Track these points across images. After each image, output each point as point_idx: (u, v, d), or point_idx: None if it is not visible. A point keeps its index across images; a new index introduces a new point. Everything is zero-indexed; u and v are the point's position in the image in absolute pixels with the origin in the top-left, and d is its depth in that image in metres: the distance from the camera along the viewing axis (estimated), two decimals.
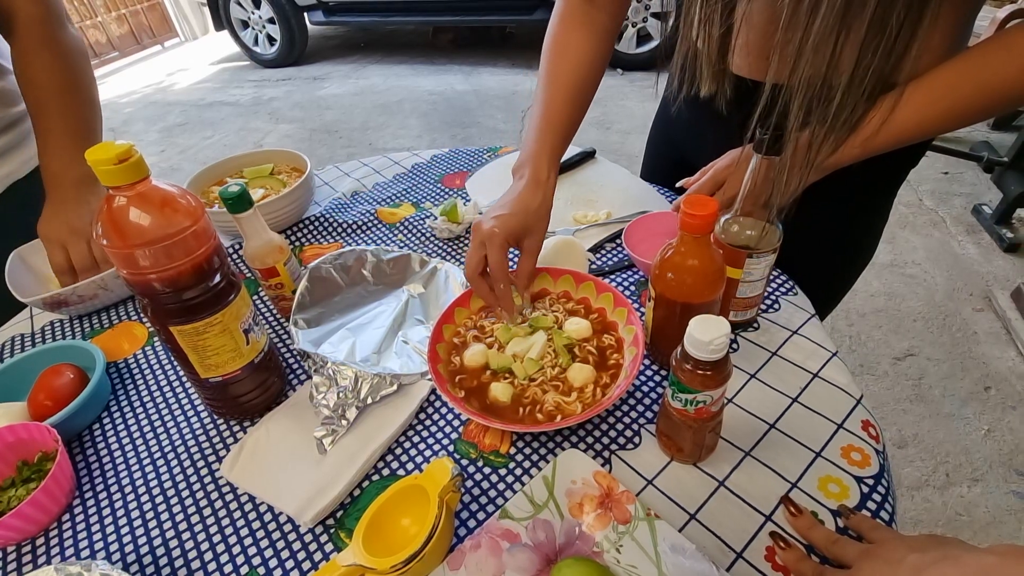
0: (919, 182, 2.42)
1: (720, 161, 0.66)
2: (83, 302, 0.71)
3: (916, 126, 0.53)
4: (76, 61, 0.75)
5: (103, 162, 0.41)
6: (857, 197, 0.68)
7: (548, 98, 0.64)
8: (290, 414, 0.57)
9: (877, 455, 0.49)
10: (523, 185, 0.60)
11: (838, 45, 0.48)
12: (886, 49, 0.48)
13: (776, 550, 0.43)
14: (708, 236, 0.50)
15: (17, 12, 0.72)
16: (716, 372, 0.43)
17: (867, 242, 0.76)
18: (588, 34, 0.65)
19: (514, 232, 0.57)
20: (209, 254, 0.48)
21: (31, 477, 0.53)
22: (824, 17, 0.46)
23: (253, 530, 0.49)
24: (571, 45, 0.65)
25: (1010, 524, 1.25)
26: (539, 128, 0.63)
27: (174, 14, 5.72)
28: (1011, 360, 1.61)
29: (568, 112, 0.64)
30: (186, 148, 3.40)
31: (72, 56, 0.75)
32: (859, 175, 0.58)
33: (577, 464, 0.49)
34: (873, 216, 0.74)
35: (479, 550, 0.44)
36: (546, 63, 0.66)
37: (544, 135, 0.63)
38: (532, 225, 0.59)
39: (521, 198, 0.59)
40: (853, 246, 0.76)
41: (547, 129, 0.63)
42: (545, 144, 0.62)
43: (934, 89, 0.51)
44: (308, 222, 0.88)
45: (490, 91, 3.69)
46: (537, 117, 0.64)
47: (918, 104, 0.51)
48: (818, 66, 0.49)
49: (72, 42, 0.76)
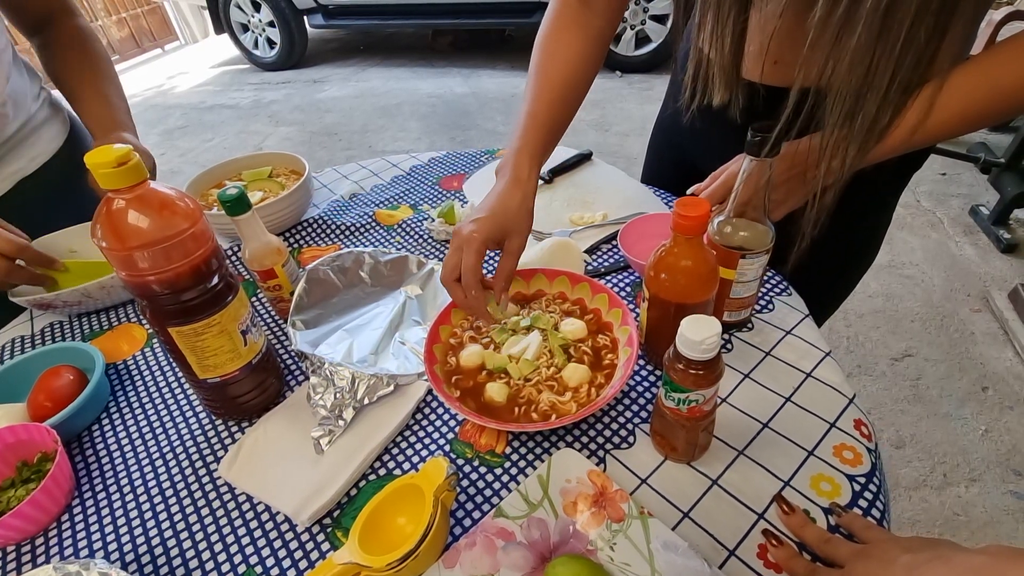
0: (917, 183, 2.42)
1: (731, 165, 0.65)
2: (67, 307, 0.72)
3: (938, 128, 0.53)
4: (95, 47, 0.85)
5: (102, 165, 0.41)
6: (861, 200, 0.68)
7: (534, 97, 0.62)
8: (288, 415, 0.58)
9: (869, 454, 0.50)
10: (503, 185, 0.58)
11: (874, 60, 0.48)
12: (915, 60, 0.48)
13: (768, 548, 0.44)
14: (701, 237, 0.50)
15: (47, 14, 0.82)
16: (708, 371, 0.43)
17: (870, 246, 0.77)
18: (580, 36, 0.64)
19: (493, 235, 0.55)
20: (207, 256, 0.48)
21: (31, 478, 0.53)
22: (860, 33, 0.47)
23: (251, 529, 0.49)
24: (562, 45, 0.64)
25: (1007, 524, 1.25)
26: (522, 126, 0.61)
27: (174, 17, 5.74)
28: (1008, 360, 1.62)
29: (553, 112, 0.62)
30: (186, 151, 3.41)
31: (92, 42, 0.85)
32: (863, 179, 0.58)
33: (572, 463, 0.49)
34: (876, 220, 0.75)
35: (474, 548, 0.44)
36: (535, 62, 0.65)
37: (527, 133, 0.61)
38: (512, 226, 0.57)
39: (501, 199, 0.57)
40: (856, 250, 0.76)
41: (530, 127, 0.61)
42: (527, 142, 0.60)
43: (957, 93, 0.51)
44: (306, 224, 0.89)
45: (489, 94, 3.70)
46: (521, 115, 0.62)
47: (940, 108, 0.52)
48: (856, 77, 0.49)
49: (90, 30, 0.87)
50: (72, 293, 0.69)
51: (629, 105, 3.32)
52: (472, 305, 0.57)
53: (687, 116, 0.70)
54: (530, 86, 0.64)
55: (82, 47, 0.83)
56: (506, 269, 0.57)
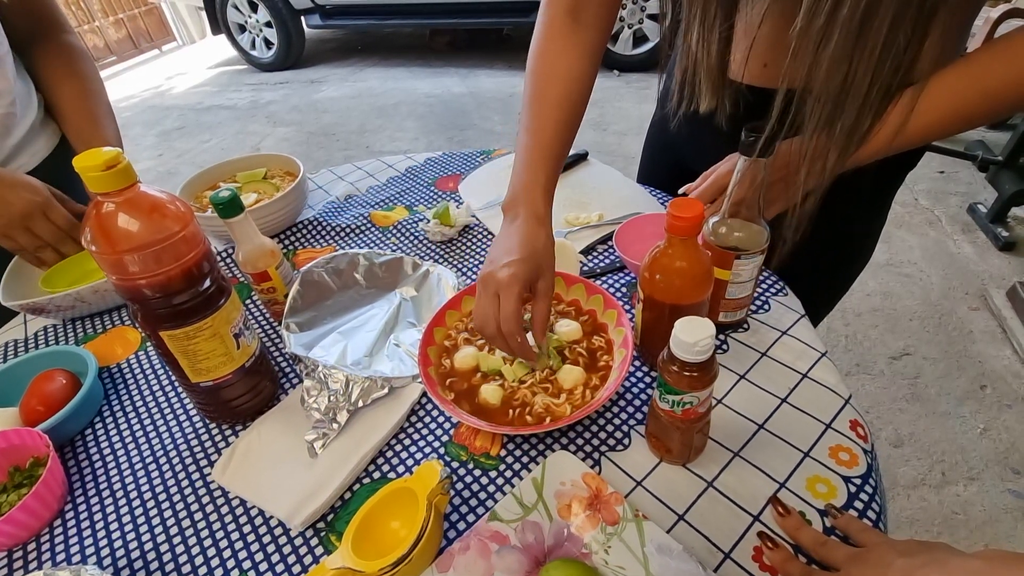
0: (915, 181, 2.42)
1: (721, 166, 0.65)
2: (60, 311, 0.72)
3: (921, 132, 0.53)
4: (88, 65, 0.85)
5: (91, 168, 0.41)
6: (855, 200, 0.68)
7: (538, 128, 0.60)
8: (281, 418, 0.58)
9: (865, 455, 0.50)
10: (522, 225, 0.56)
11: (852, 66, 0.48)
12: (894, 65, 0.48)
13: (764, 550, 0.43)
14: (695, 238, 0.50)
15: (38, 29, 0.81)
16: (702, 373, 0.43)
17: (866, 245, 0.77)
18: (574, 54, 0.62)
19: (529, 278, 0.53)
20: (198, 259, 0.48)
21: (23, 483, 0.53)
22: (837, 42, 0.47)
23: (244, 534, 0.49)
24: (558, 67, 0.62)
25: (1006, 522, 1.25)
26: (531, 161, 0.59)
27: (171, 18, 5.73)
28: (1007, 359, 1.62)
29: (559, 141, 0.61)
30: (184, 152, 3.41)
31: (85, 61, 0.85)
32: (858, 178, 0.58)
33: (566, 466, 0.49)
34: (871, 219, 0.75)
35: (468, 552, 0.44)
36: (532, 86, 0.62)
37: (535, 167, 0.59)
38: (543, 266, 0.55)
39: (527, 240, 0.54)
40: (852, 249, 0.76)
41: (539, 161, 0.59)
42: (539, 177, 0.58)
43: (940, 96, 0.51)
44: (302, 226, 0.89)
45: (487, 93, 3.70)
46: (527, 148, 0.60)
47: (922, 111, 0.52)
48: (833, 84, 0.50)
49: (82, 48, 0.86)
50: (65, 297, 0.68)
51: (627, 104, 3.32)
52: (520, 351, 0.53)
53: (675, 122, 0.71)
54: (531, 113, 0.62)
55: (70, 66, 0.83)
56: (543, 313, 0.55)
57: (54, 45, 0.83)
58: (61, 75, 0.82)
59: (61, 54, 0.83)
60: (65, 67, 0.83)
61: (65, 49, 0.84)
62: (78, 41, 0.86)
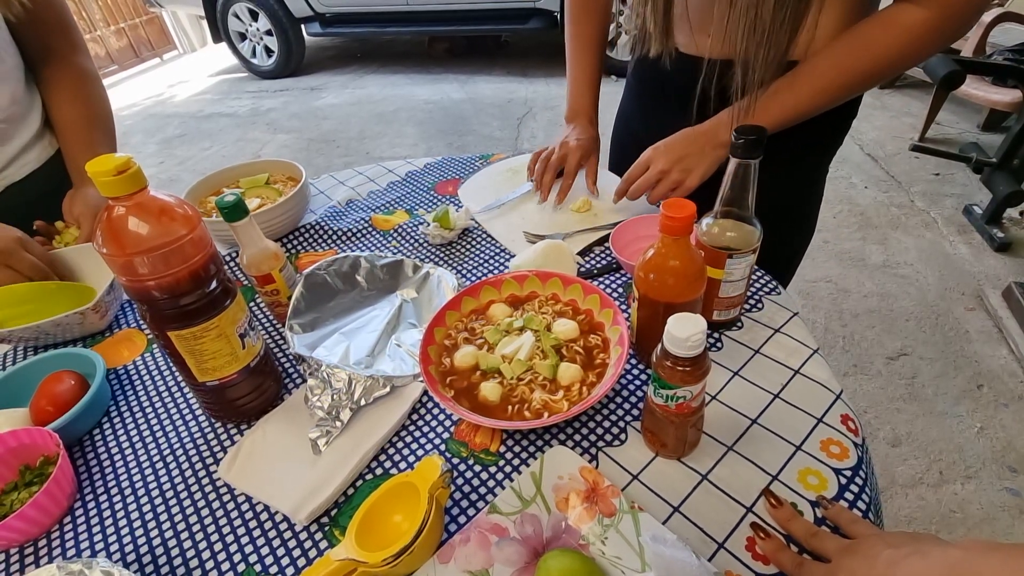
0: (910, 183, 2.44)
1: (643, 155, 0.77)
2: (23, 341, 0.71)
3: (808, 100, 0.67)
4: (95, 90, 0.88)
5: (102, 174, 0.43)
6: (787, 168, 0.77)
7: (584, 61, 0.91)
8: (286, 416, 0.59)
9: (856, 448, 0.51)
10: (584, 128, 0.91)
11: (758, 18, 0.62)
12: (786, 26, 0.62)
13: (756, 541, 0.45)
14: (687, 237, 0.51)
15: (50, 47, 0.82)
16: (695, 368, 0.44)
17: (806, 211, 0.87)
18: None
19: (586, 151, 0.88)
20: (205, 261, 0.50)
21: (33, 481, 0.54)
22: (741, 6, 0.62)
23: (250, 528, 0.50)
24: (591, 7, 0.88)
25: (1003, 520, 1.26)
26: (581, 85, 0.92)
27: (172, 27, 5.77)
28: (1003, 358, 1.63)
29: (598, 68, 0.92)
30: (185, 159, 3.43)
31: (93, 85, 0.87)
32: (786, 147, 0.69)
33: (564, 460, 0.50)
34: (807, 186, 0.84)
35: (468, 544, 0.45)
36: (573, 25, 0.90)
37: (586, 91, 0.92)
38: (595, 148, 0.91)
39: (587, 132, 0.91)
40: (794, 215, 0.84)
41: (587, 86, 0.92)
42: (589, 98, 0.93)
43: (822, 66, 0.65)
44: (304, 230, 0.90)
45: (485, 99, 3.73)
46: (577, 78, 0.92)
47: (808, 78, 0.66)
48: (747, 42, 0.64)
49: (92, 72, 0.88)
50: (26, 330, 0.67)
51: None
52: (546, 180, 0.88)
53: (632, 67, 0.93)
54: (576, 49, 0.91)
55: (77, 90, 0.84)
56: (594, 167, 0.89)
57: (65, 66, 0.84)
58: (66, 98, 0.83)
59: (69, 76, 0.84)
60: (71, 90, 0.84)
61: (75, 71, 0.84)
62: (90, 64, 0.87)
